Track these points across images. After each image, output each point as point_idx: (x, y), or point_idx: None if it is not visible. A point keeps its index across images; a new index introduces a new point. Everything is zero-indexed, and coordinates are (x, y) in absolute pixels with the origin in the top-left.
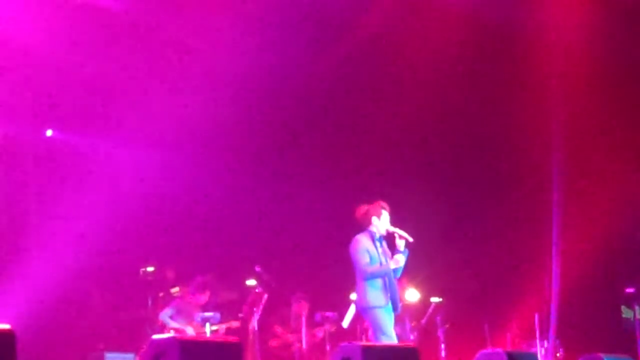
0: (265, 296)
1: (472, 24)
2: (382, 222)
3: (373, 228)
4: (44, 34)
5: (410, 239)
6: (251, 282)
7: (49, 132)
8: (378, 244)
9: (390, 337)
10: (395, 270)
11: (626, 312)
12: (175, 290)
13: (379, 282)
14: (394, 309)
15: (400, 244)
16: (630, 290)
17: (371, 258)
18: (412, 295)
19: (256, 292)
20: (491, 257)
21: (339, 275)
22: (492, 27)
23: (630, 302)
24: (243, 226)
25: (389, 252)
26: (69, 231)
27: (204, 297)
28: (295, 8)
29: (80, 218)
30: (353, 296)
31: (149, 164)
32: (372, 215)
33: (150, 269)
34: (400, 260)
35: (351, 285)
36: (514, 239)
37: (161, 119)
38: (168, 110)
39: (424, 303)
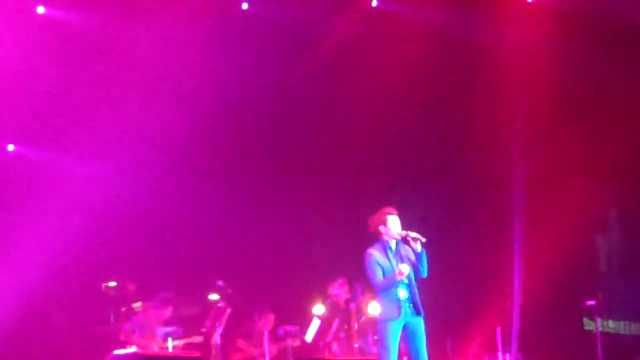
0: (228, 310)
1: (434, 39)
2: (390, 228)
3: (384, 237)
4: (3, 48)
5: (423, 239)
6: (213, 297)
7: (11, 147)
8: (391, 252)
9: (389, 351)
10: (419, 272)
11: (588, 324)
12: (137, 305)
13: (391, 293)
14: (416, 313)
15: (417, 246)
16: (591, 302)
17: (384, 270)
18: (374, 308)
19: (219, 307)
20: (453, 271)
21: (301, 289)
22: (455, 43)
23: (591, 314)
24: (205, 240)
25: (411, 255)
26: (29, 246)
27: (167, 312)
28: (260, 24)
29: (41, 233)
30: (315, 310)
31: (109, 179)
32: (378, 225)
33: (112, 284)
34: (404, 269)
35: (314, 299)
36: (476, 253)
37: (122, 134)
38: (130, 125)
39: None
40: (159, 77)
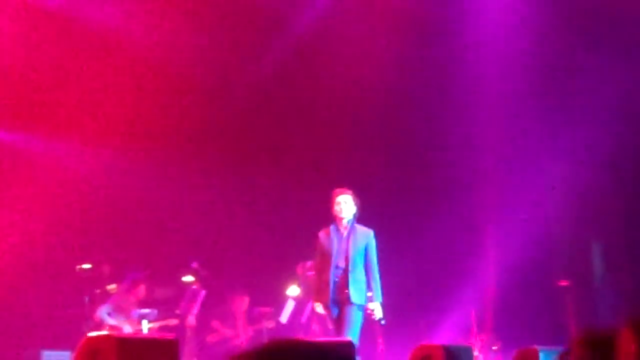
0: (203, 292)
1: (407, 24)
2: (341, 209)
3: (337, 218)
4: None
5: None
6: (188, 279)
7: None
8: (337, 234)
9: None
10: (369, 260)
11: None
12: (111, 287)
13: (324, 276)
14: (348, 300)
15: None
16: (564, 283)
17: (325, 251)
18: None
19: (193, 289)
20: (427, 252)
21: (276, 271)
22: (427, 28)
23: (563, 294)
24: (179, 222)
25: (360, 240)
26: (4, 228)
27: (140, 293)
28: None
29: (16, 214)
30: (290, 291)
31: (85, 160)
32: (332, 210)
33: (86, 266)
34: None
35: (288, 280)
36: (450, 235)
37: (94, 116)
38: (103, 107)
39: None
40: (129, 58)
